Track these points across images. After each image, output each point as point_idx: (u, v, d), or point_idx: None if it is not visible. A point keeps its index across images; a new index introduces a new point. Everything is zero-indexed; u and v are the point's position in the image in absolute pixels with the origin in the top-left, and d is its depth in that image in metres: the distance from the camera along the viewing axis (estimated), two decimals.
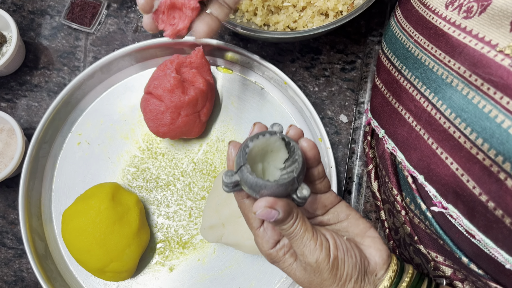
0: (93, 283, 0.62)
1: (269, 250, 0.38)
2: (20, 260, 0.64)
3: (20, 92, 0.68)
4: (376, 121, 0.53)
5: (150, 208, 0.63)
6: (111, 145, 0.65)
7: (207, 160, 0.64)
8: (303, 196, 0.36)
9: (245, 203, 0.38)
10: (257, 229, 0.38)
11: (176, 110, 0.58)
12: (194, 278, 0.61)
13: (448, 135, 0.40)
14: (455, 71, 0.39)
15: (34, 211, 0.62)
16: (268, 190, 0.34)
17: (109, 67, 0.64)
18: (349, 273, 0.37)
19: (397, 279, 0.39)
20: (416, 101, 0.44)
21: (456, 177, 0.39)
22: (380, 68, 0.52)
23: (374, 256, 0.39)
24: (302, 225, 0.36)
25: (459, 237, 0.42)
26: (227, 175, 0.35)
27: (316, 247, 0.36)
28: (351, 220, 0.41)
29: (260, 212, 0.34)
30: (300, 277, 0.38)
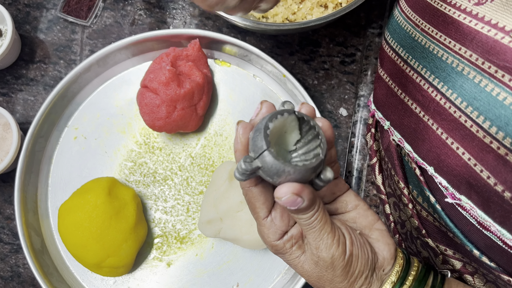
0: (90, 278, 0.61)
1: (276, 241, 0.37)
2: (16, 256, 0.63)
3: (16, 86, 0.67)
4: (380, 112, 0.52)
5: (148, 203, 0.63)
6: (108, 139, 0.64)
7: (205, 155, 0.63)
8: (327, 179, 0.33)
9: (252, 191, 0.35)
10: (264, 218, 0.36)
11: (171, 104, 0.57)
12: (192, 273, 0.61)
13: (459, 125, 0.39)
14: (467, 58, 0.38)
15: (30, 206, 0.61)
16: (296, 175, 0.31)
17: (105, 61, 0.63)
18: (361, 270, 0.36)
19: (404, 274, 0.38)
20: (424, 90, 0.43)
21: (469, 167, 0.38)
22: (384, 59, 0.51)
23: (383, 250, 0.38)
24: (322, 217, 0.35)
25: (470, 230, 0.41)
26: (247, 161, 0.31)
27: (333, 242, 0.35)
28: (360, 211, 0.39)
29: (286, 199, 0.32)
30: (308, 271, 0.37)
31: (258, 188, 0.35)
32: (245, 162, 0.31)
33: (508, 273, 0.40)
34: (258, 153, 0.31)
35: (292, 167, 0.31)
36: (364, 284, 0.37)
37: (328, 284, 0.37)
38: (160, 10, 0.67)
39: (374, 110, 0.54)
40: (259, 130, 0.32)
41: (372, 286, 0.37)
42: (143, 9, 0.67)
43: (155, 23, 0.67)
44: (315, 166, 0.32)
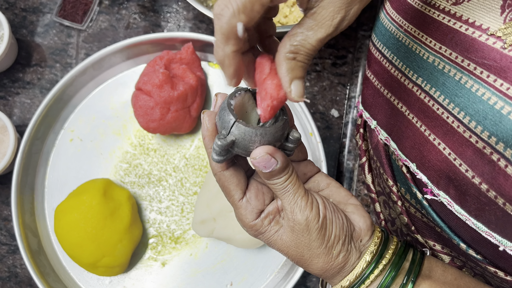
0: (86, 278, 0.62)
1: (254, 220, 0.37)
2: (13, 256, 0.64)
3: (12, 89, 0.68)
4: (367, 112, 0.53)
5: (142, 203, 0.64)
6: (103, 141, 0.65)
7: (199, 156, 0.64)
8: (295, 138, 0.35)
9: (224, 175, 0.36)
10: (240, 200, 0.37)
11: (165, 106, 0.59)
12: (187, 273, 0.62)
13: (442, 121, 0.40)
14: (447, 57, 0.39)
15: (27, 207, 0.62)
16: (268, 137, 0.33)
17: (100, 64, 0.64)
18: (337, 234, 0.37)
19: (383, 247, 0.38)
20: (409, 90, 0.45)
21: (449, 162, 0.39)
22: (371, 60, 0.52)
23: (359, 221, 0.38)
24: (296, 181, 0.36)
25: (456, 224, 0.43)
26: (221, 138, 0.32)
27: (307, 205, 0.36)
28: (332, 189, 0.40)
29: (260, 158, 0.33)
30: (286, 241, 0.37)
31: (229, 171, 0.36)
32: (219, 139, 0.32)
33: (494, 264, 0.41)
34: (229, 128, 0.33)
35: (263, 129, 0.33)
36: (342, 251, 0.37)
37: (306, 250, 0.37)
38: (154, 14, 0.68)
39: (362, 110, 0.55)
40: (223, 108, 0.33)
41: (351, 254, 0.38)
42: (137, 13, 0.68)
43: (150, 26, 0.68)
44: (282, 125, 0.33)
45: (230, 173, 0.36)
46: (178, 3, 0.68)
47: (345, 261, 0.38)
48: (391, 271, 0.37)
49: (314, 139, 0.60)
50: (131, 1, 0.68)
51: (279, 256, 0.62)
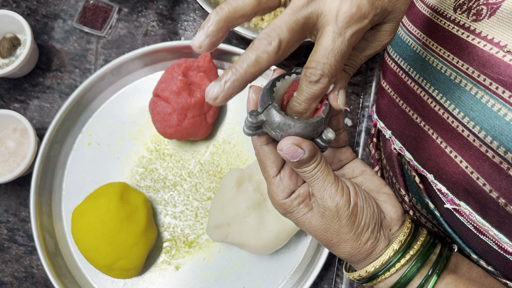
0: (101, 280, 0.63)
1: (284, 199, 0.38)
2: (30, 257, 0.65)
3: (33, 93, 0.70)
4: (382, 122, 0.54)
5: (157, 207, 0.65)
6: (120, 145, 0.66)
7: (213, 162, 0.65)
8: (328, 139, 0.35)
9: (263, 149, 0.37)
10: (273, 177, 0.37)
11: (182, 112, 0.60)
12: (200, 277, 0.63)
13: (457, 134, 0.40)
14: (464, 72, 0.40)
15: (45, 209, 0.63)
16: (296, 129, 0.33)
17: (119, 70, 0.65)
18: (366, 221, 0.37)
19: (412, 238, 0.38)
20: (424, 102, 0.45)
21: (466, 175, 0.39)
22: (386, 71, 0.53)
23: (390, 211, 0.39)
24: (325, 168, 0.36)
25: (468, 235, 0.43)
26: (253, 115, 0.33)
27: (337, 192, 0.36)
28: (367, 176, 0.40)
29: (287, 149, 0.34)
30: (315, 225, 0.38)
31: (269, 146, 0.37)
32: (251, 115, 0.33)
33: (505, 276, 0.41)
34: (264, 108, 0.33)
35: (293, 121, 0.33)
36: (371, 238, 0.37)
37: (335, 235, 0.38)
38: (172, 22, 0.70)
39: (376, 120, 0.55)
40: (266, 88, 0.34)
41: (380, 242, 0.38)
42: (156, 21, 0.70)
43: (167, 34, 0.69)
44: (315, 123, 0.34)
45: (269, 148, 0.37)
46: (196, 12, 0.70)
47: (372, 248, 0.38)
48: (417, 262, 0.38)
49: None
50: (150, 9, 0.70)
51: (291, 262, 0.62)
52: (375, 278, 0.39)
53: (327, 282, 0.63)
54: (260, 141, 0.37)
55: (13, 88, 0.70)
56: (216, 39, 0.33)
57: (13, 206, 0.67)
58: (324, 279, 0.63)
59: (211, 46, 0.33)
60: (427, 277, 0.37)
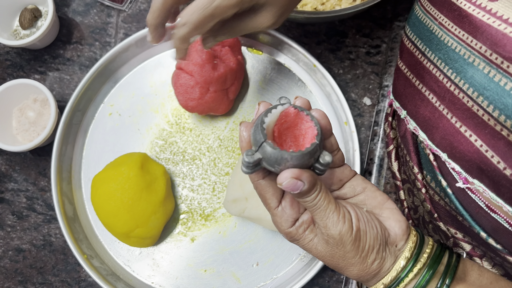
0: (117, 248, 0.64)
1: (289, 228, 0.39)
2: (49, 226, 0.66)
3: (53, 65, 0.70)
4: (398, 102, 0.55)
5: (176, 180, 0.65)
6: (141, 117, 0.67)
7: (232, 138, 0.66)
8: (326, 162, 0.35)
9: (261, 184, 0.38)
10: (275, 208, 0.39)
11: (205, 85, 0.60)
12: (214, 249, 0.63)
13: (472, 114, 0.41)
14: (477, 50, 0.40)
15: (65, 176, 0.64)
16: (294, 161, 0.34)
17: (143, 42, 0.66)
18: (371, 244, 0.38)
19: (418, 250, 0.39)
20: (439, 81, 0.46)
21: (480, 154, 0.40)
22: (403, 51, 0.53)
23: (394, 227, 0.39)
24: (325, 197, 0.37)
25: (478, 213, 0.44)
26: (248, 155, 0.34)
27: (339, 219, 0.37)
28: (368, 193, 0.41)
29: (286, 183, 0.34)
30: (321, 251, 0.39)
31: (266, 180, 0.38)
32: (247, 155, 0.34)
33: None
34: (258, 146, 0.35)
35: (289, 154, 0.34)
36: (377, 259, 0.38)
37: (341, 260, 0.39)
38: None
39: (392, 100, 0.56)
40: (256, 125, 0.35)
41: (386, 260, 0.39)
42: None
43: None
44: (310, 151, 0.34)
45: (266, 182, 0.38)
46: None
47: (379, 267, 0.39)
48: (426, 275, 0.38)
49: (348, 128, 0.62)
50: None
51: None
52: None
53: None
54: (257, 176, 0.38)
55: (33, 59, 0.71)
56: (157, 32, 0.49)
57: (32, 175, 0.67)
58: None
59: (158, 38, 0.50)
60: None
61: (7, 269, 0.65)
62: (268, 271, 0.62)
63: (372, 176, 0.63)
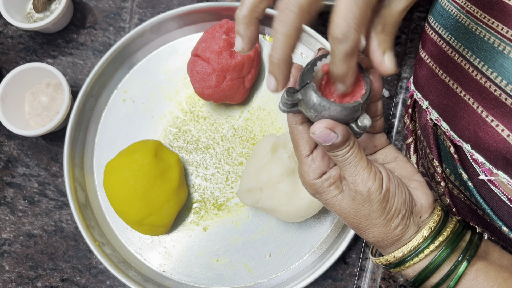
0: (129, 235, 0.64)
1: (314, 179, 0.38)
2: (60, 211, 0.65)
3: (66, 49, 0.69)
4: (419, 93, 0.54)
5: (189, 168, 0.65)
6: (155, 104, 0.66)
7: (247, 127, 0.65)
8: (363, 126, 0.34)
9: (298, 129, 0.37)
10: (306, 157, 0.38)
11: (222, 73, 0.59)
12: (227, 239, 0.63)
13: (500, 103, 0.40)
14: (508, 38, 0.39)
15: (77, 162, 0.64)
16: (331, 112, 0.33)
17: (158, 28, 0.65)
18: (397, 208, 0.37)
19: (441, 225, 0.39)
20: (465, 71, 0.45)
21: (507, 143, 0.39)
22: (426, 41, 0.53)
23: (421, 198, 0.39)
24: (357, 153, 0.36)
25: (500, 207, 0.43)
26: (289, 92, 0.33)
27: (369, 177, 0.36)
28: (399, 163, 0.40)
29: (319, 132, 0.34)
30: (345, 208, 0.38)
31: (303, 126, 0.37)
32: (287, 92, 0.33)
33: None
34: (302, 86, 0.33)
35: (329, 103, 0.33)
36: (400, 224, 0.38)
37: (364, 220, 0.38)
38: None
39: (414, 91, 0.55)
40: (307, 66, 0.34)
41: (409, 228, 0.38)
42: None
43: None
44: (351, 107, 0.33)
45: (304, 128, 0.37)
46: None
47: (402, 234, 0.38)
48: (446, 248, 0.38)
49: None
50: None
51: (320, 232, 0.62)
52: (402, 263, 0.39)
53: (355, 252, 0.63)
54: (295, 120, 0.37)
55: (46, 43, 0.70)
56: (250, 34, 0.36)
57: (44, 160, 0.67)
58: (353, 248, 0.63)
59: (250, 44, 0.37)
60: (457, 263, 0.38)
61: (18, 254, 0.65)
62: (280, 263, 0.62)
63: None
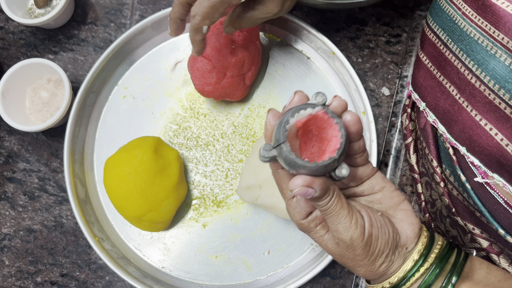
0: (128, 231, 0.64)
1: (301, 220, 0.39)
2: (60, 207, 0.66)
3: (67, 45, 0.70)
4: (417, 94, 0.54)
5: (189, 165, 0.65)
6: (155, 101, 0.66)
7: (247, 125, 0.65)
8: (341, 176, 0.35)
9: (279, 174, 0.38)
10: (290, 199, 0.39)
11: (222, 70, 0.59)
12: (226, 236, 0.63)
13: (494, 107, 0.40)
14: (499, 41, 0.40)
15: (77, 158, 0.64)
16: (307, 170, 0.34)
17: (159, 24, 0.65)
18: (381, 249, 0.38)
19: (426, 251, 0.39)
20: (461, 73, 0.45)
21: (501, 148, 0.40)
22: (425, 42, 0.53)
23: (406, 230, 0.39)
24: (338, 202, 0.37)
25: (496, 209, 0.43)
26: (265, 149, 0.35)
27: (351, 225, 0.37)
28: (386, 193, 0.41)
29: (297, 190, 0.34)
30: (331, 249, 0.39)
31: (284, 171, 0.38)
32: (264, 149, 0.34)
33: None
34: (276, 144, 0.34)
35: (303, 163, 0.33)
36: (385, 262, 0.39)
37: (350, 261, 0.39)
38: None
39: (411, 91, 0.55)
40: (280, 122, 0.34)
41: (394, 263, 0.39)
42: None
43: None
44: (326, 165, 0.34)
45: (285, 172, 0.38)
46: None
47: (386, 269, 0.39)
48: (432, 274, 0.39)
49: (366, 119, 0.60)
50: None
51: None
52: None
53: None
54: (276, 166, 0.38)
55: (47, 39, 0.70)
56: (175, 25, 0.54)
57: (44, 156, 0.67)
58: None
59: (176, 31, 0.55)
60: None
61: (18, 249, 0.65)
62: (279, 260, 0.62)
63: (388, 168, 0.62)
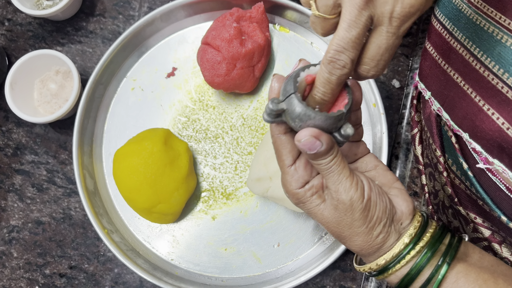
0: (137, 223, 0.64)
1: (297, 189, 0.38)
2: (68, 199, 0.65)
3: (75, 37, 0.69)
4: (423, 83, 0.54)
5: (198, 157, 0.65)
6: (164, 93, 0.66)
7: (256, 117, 0.65)
8: (346, 134, 0.35)
9: (281, 139, 0.37)
10: (288, 166, 0.38)
11: (232, 62, 0.59)
12: (235, 228, 0.63)
13: (496, 91, 0.40)
14: (506, 27, 0.40)
15: (86, 150, 0.63)
16: (316, 121, 0.34)
17: (168, 16, 0.65)
18: (379, 216, 0.38)
19: (421, 230, 0.39)
20: (465, 60, 0.45)
21: (502, 131, 0.40)
22: (431, 32, 0.53)
23: (401, 205, 0.39)
24: (341, 162, 0.37)
25: (499, 196, 0.43)
26: (274, 102, 0.34)
27: (352, 186, 0.37)
28: (379, 171, 0.41)
29: (305, 140, 0.34)
30: (328, 217, 0.39)
31: (286, 136, 0.37)
32: (272, 102, 0.34)
33: None
34: (286, 96, 0.34)
35: (314, 112, 0.33)
36: (382, 232, 0.38)
37: (347, 228, 0.38)
38: None
39: (418, 81, 0.56)
40: (290, 77, 0.34)
41: (390, 236, 0.39)
42: None
43: None
44: (335, 116, 0.34)
45: (287, 138, 0.37)
46: None
47: (383, 241, 0.39)
48: (427, 253, 0.38)
49: (377, 110, 0.60)
50: None
51: None
52: (385, 271, 0.39)
53: None
54: (279, 130, 0.37)
55: (55, 31, 0.70)
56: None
57: (53, 148, 0.67)
58: None
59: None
60: (437, 267, 0.38)
61: (27, 241, 0.65)
62: (289, 252, 0.62)
63: (399, 161, 0.62)
